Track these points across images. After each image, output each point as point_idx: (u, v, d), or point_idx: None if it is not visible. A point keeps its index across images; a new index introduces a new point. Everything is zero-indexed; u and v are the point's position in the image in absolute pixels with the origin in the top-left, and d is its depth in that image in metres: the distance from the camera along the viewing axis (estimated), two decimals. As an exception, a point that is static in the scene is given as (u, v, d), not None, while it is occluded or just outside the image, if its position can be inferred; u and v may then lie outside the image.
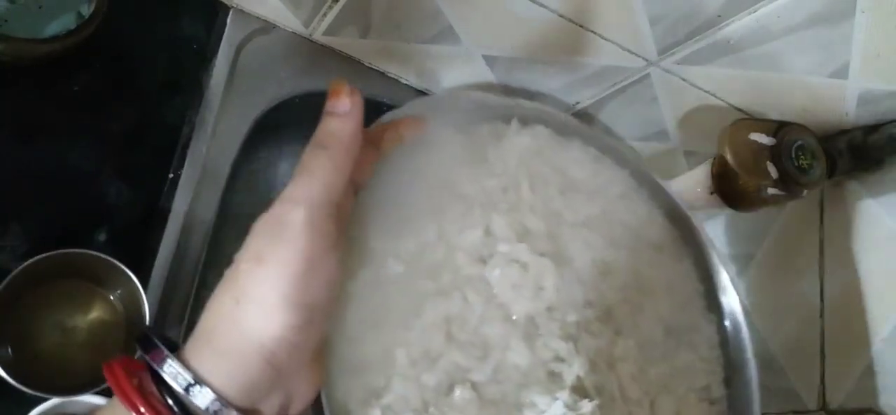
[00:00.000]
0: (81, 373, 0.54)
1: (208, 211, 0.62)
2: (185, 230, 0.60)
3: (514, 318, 0.46)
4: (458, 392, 0.42)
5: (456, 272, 0.45)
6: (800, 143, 0.57)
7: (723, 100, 0.63)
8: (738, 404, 0.52)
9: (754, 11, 0.53)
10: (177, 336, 0.58)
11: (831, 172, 0.59)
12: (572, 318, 0.47)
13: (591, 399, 0.44)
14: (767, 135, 0.57)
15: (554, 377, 0.45)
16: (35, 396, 0.51)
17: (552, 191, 0.51)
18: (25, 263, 0.52)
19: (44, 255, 0.53)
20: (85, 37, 0.57)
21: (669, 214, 0.56)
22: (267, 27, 0.67)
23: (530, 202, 0.50)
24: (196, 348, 0.35)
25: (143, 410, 0.33)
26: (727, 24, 0.55)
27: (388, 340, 0.43)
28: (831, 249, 0.59)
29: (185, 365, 0.34)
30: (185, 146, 0.62)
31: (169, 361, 0.34)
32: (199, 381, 0.34)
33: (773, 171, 0.57)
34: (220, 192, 0.63)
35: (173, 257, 0.59)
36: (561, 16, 0.58)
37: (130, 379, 0.34)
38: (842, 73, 0.55)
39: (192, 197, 0.61)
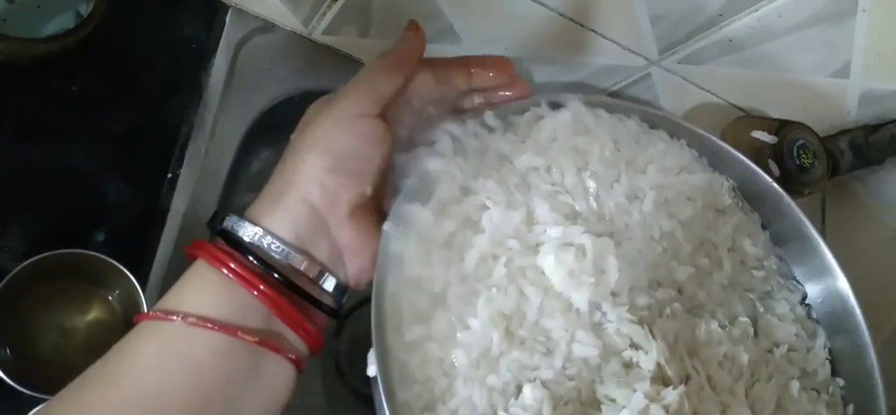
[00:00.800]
0: (80, 374, 0.54)
1: (207, 211, 0.61)
2: (184, 230, 0.59)
3: (576, 307, 0.42)
4: (527, 392, 0.39)
5: (508, 264, 0.42)
6: (801, 141, 0.57)
7: (724, 99, 0.63)
8: (857, 393, 0.47)
9: (755, 10, 0.53)
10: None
11: (833, 171, 0.59)
12: (642, 301, 0.43)
13: (675, 387, 0.40)
14: (769, 133, 0.57)
15: (631, 368, 0.41)
16: (33, 396, 0.50)
17: (599, 167, 0.47)
18: (24, 264, 0.52)
19: (42, 255, 0.53)
20: (83, 36, 0.57)
21: (737, 178, 0.51)
22: (266, 26, 0.67)
23: (575, 182, 0.46)
24: (253, 204, 0.41)
25: (232, 265, 0.38)
26: (728, 24, 0.55)
27: (446, 342, 0.41)
28: (832, 248, 0.59)
29: (238, 214, 0.41)
30: (184, 146, 0.62)
31: (226, 216, 0.41)
32: (243, 218, 0.40)
33: (774, 169, 0.57)
34: (220, 191, 0.63)
35: (172, 258, 0.58)
36: (561, 15, 0.58)
37: (213, 245, 0.40)
38: (843, 72, 0.55)
39: (190, 197, 0.60)
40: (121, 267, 0.54)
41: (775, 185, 0.49)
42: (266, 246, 0.39)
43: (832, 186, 0.62)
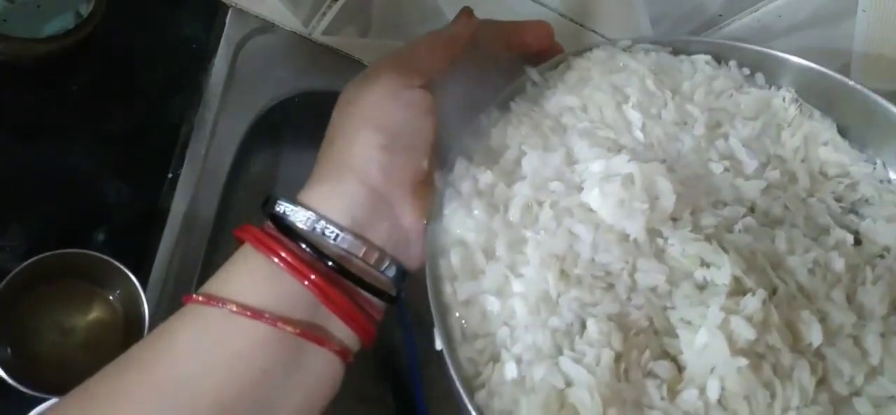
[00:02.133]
0: (80, 373, 0.53)
1: (208, 211, 0.62)
2: (185, 230, 0.59)
3: (633, 237, 0.39)
4: (591, 327, 0.37)
5: (554, 207, 0.40)
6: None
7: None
8: None
9: (755, 10, 0.53)
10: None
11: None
12: (708, 220, 0.40)
13: (754, 293, 0.37)
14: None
15: (704, 289, 0.38)
16: (34, 396, 0.50)
17: (642, 98, 0.44)
18: (24, 264, 0.52)
19: (43, 255, 0.53)
20: (83, 36, 0.57)
21: (801, 88, 0.47)
22: (266, 26, 0.67)
23: (616, 116, 0.44)
24: (305, 189, 0.40)
25: (281, 252, 0.37)
26: (728, 24, 0.55)
27: (502, 293, 0.39)
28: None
29: (291, 199, 0.39)
30: (184, 146, 0.62)
31: (278, 200, 0.38)
32: (297, 202, 0.38)
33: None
34: (220, 191, 0.63)
35: (172, 258, 0.58)
36: (562, 15, 0.58)
37: (262, 231, 0.38)
38: (843, 72, 0.55)
39: (191, 197, 0.60)
40: (121, 267, 0.54)
41: (849, 81, 0.45)
42: (320, 231, 0.37)
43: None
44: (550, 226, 0.40)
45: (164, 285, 0.58)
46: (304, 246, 0.37)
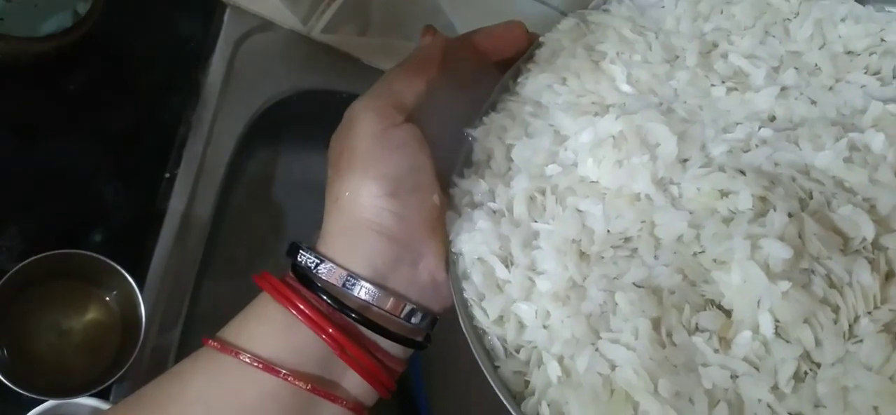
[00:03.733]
0: (77, 375, 0.54)
1: (205, 210, 0.61)
2: (182, 230, 0.59)
3: (641, 194, 0.37)
4: (621, 300, 0.34)
5: (555, 191, 0.38)
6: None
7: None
8: None
9: (757, 9, 0.52)
10: (174, 336, 0.58)
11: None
12: (717, 148, 0.37)
13: (776, 208, 0.33)
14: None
15: (730, 221, 0.34)
16: (31, 397, 0.50)
17: (621, 48, 0.41)
18: (21, 264, 0.52)
19: (40, 255, 0.52)
20: (81, 35, 0.57)
21: None
22: (264, 25, 0.67)
23: (596, 76, 0.40)
24: (320, 241, 0.39)
25: (299, 304, 0.37)
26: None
27: (530, 296, 0.37)
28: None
29: (314, 251, 0.38)
30: (182, 145, 0.62)
31: (300, 251, 0.38)
32: (323, 259, 0.37)
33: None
34: (217, 191, 0.62)
35: (170, 258, 0.58)
36: (562, 13, 0.58)
37: (282, 281, 0.38)
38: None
39: (188, 196, 0.60)
40: (118, 267, 0.53)
41: None
42: (340, 282, 0.37)
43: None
44: (557, 211, 0.38)
45: (162, 286, 0.58)
46: (324, 297, 0.37)
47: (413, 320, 0.39)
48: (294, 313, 0.36)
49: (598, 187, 0.38)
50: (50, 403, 0.50)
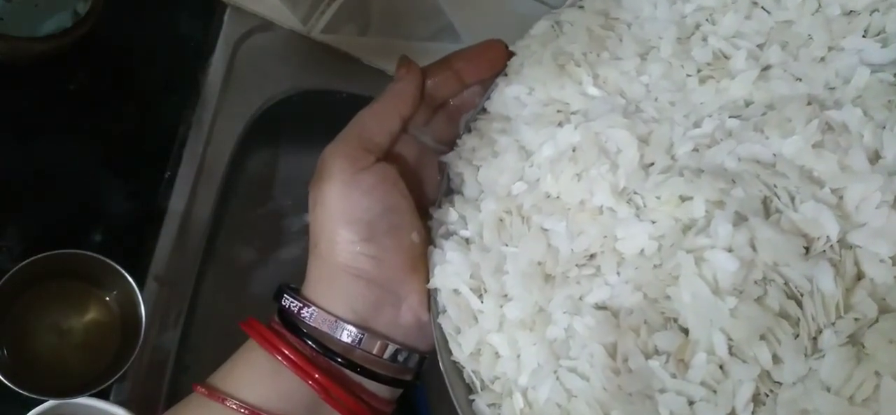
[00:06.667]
0: (77, 375, 0.54)
1: (205, 211, 0.61)
2: (182, 230, 0.59)
3: (601, 205, 0.34)
4: (577, 325, 0.33)
5: (520, 211, 0.37)
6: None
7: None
8: None
9: (757, 9, 0.52)
10: (174, 336, 0.58)
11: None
12: (682, 148, 0.34)
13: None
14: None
15: (687, 229, 0.32)
16: (30, 397, 0.50)
17: (588, 48, 0.39)
18: (21, 264, 0.52)
19: (39, 255, 0.52)
20: (81, 35, 0.56)
21: None
22: (264, 25, 0.66)
23: (562, 82, 0.38)
24: (305, 286, 0.40)
25: (285, 350, 0.37)
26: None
27: (501, 326, 0.36)
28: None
29: (298, 295, 0.39)
30: (182, 145, 0.61)
31: (284, 295, 0.39)
32: (307, 303, 0.38)
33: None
34: (217, 191, 0.62)
35: (170, 258, 0.58)
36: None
37: (268, 327, 0.39)
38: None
39: (188, 197, 0.60)
40: (118, 267, 0.53)
41: None
42: (324, 326, 0.38)
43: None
44: (523, 232, 0.36)
45: (162, 286, 0.58)
46: (309, 342, 0.37)
47: (399, 360, 0.39)
48: (279, 358, 0.37)
49: (560, 203, 0.36)
50: (50, 403, 0.50)
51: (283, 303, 0.39)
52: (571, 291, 0.34)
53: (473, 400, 0.36)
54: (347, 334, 0.37)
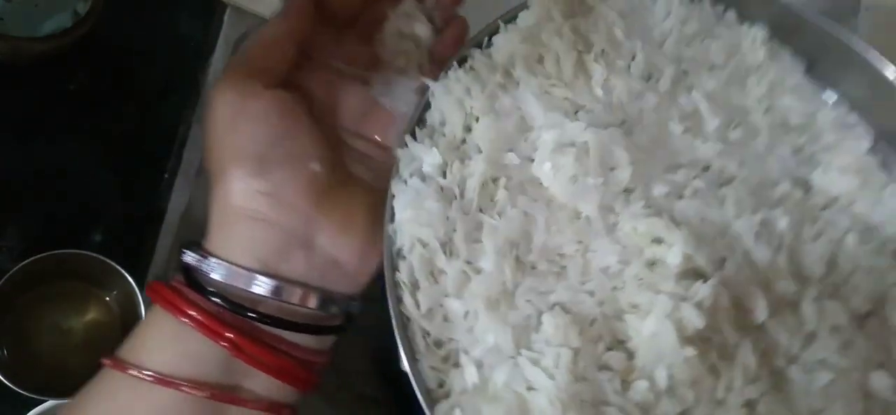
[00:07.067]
0: (77, 374, 0.53)
1: (204, 211, 0.61)
2: (182, 230, 0.59)
3: (585, 214, 0.35)
4: (547, 322, 0.33)
5: (508, 184, 0.36)
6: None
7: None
8: None
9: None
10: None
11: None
12: (659, 189, 0.36)
13: (707, 278, 0.34)
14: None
15: (655, 266, 0.35)
16: (31, 397, 0.50)
17: (608, 47, 0.39)
18: (21, 264, 0.52)
19: (39, 255, 0.52)
20: (81, 35, 0.57)
21: (772, 20, 0.42)
22: (264, 25, 0.66)
23: (576, 69, 0.38)
24: (206, 236, 0.36)
25: (189, 310, 0.34)
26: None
27: (462, 292, 0.35)
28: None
29: (198, 248, 0.35)
30: (182, 145, 0.62)
31: (184, 251, 0.35)
32: (206, 256, 0.34)
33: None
34: (218, 191, 0.62)
35: (169, 258, 0.58)
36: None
37: (169, 287, 0.35)
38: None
39: (188, 197, 0.60)
40: (118, 267, 0.54)
41: (818, 18, 0.41)
42: (230, 279, 0.34)
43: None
44: (505, 207, 0.36)
45: (162, 286, 0.58)
46: (216, 299, 0.34)
47: (310, 304, 0.35)
48: (184, 319, 0.33)
49: (546, 193, 0.36)
50: (50, 403, 0.50)
51: (183, 259, 0.35)
52: (537, 284, 0.35)
53: (419, 361, 0.35)
54: (255, 284, 0.34)
